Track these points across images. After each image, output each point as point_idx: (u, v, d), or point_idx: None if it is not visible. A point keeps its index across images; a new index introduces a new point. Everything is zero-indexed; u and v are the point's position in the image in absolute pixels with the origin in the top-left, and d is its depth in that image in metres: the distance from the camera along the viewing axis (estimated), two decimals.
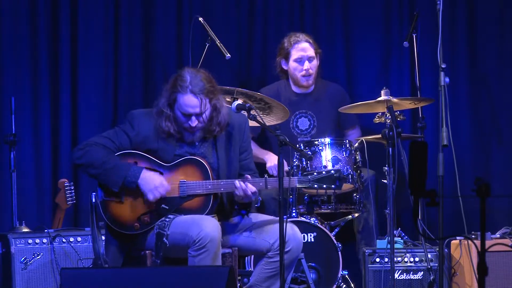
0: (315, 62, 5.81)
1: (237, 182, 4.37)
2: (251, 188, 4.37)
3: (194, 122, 4.38)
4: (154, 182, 4.34)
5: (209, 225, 4.24)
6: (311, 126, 5.84)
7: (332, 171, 4.56)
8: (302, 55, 5.77)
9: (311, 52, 5.78)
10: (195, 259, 4.22)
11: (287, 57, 5.81)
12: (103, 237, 4.55)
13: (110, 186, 4.34)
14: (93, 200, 4.37)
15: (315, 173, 4.57)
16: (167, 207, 4.38)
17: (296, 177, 4.63)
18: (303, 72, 5.78)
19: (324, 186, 4.55)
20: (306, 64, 5.76)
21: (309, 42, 5.79)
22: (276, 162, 5.47)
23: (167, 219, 4.32)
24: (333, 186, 4.56)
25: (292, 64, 5.80)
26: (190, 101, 4.38)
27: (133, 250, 4.43)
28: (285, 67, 5.86)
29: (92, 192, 4.39)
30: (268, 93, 5.57)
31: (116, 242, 4.40)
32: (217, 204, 4.47)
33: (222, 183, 4.39)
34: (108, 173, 4.32)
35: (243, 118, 4.62)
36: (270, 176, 5.39)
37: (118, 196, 4.37)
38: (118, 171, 4.32)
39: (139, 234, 4.38)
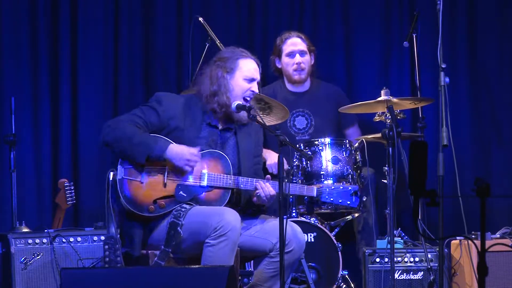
0: (308, 58, 5.82)
1: (260, 182, 4.39)
2: (271, 190, 4.39)
3: (256, 88, 4.51)
4: (184, 155, 4.35)
5: (230, 215, 4.27)
6: (309, 125, 5.84)
7: (349, 187, 4.60)
8: (292, 49, 5.80)
9: (302, 46, 5.80)
10: (213, 248, 4.20)
11: (280, 54, 5.84)
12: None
13: (136, 159, 4.34)
14: (110, 178, 4.36)
15: (332, 187, 4.62)
16: (185, 195, 4.40)
17: (314, 186, 4.65)
18: (294, 66, 5.80)
19: (340, 200, 4.60)
20: (297, 58, 5.78)
21: (300, 38, 5.82)
22: (275, 160, 5.47)
23: (183, 209, 4.33)
24: (348, 202, 4.61)
25: (284, 59, 5.83)
26: (254, 64, 4.53)
27: (144, 236, 4.43)
28: (279, 66, 5.88)
29: (111, 170, 4.38)
30: (266, 94, 5.57)
31: (139, 226, 4.39)
32: (234, 200, 4.50)
33: (243, 180, 4.42)
34: (134, 147, 4.33)
35: (258, 125, 4.66)
36: (270, 174, 5.42)
37: (138, 176, 4.37)
38: (145, 145, 4.34)
39: (151, 220, 4.38)
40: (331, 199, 4.64)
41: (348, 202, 4.65)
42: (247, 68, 4.50)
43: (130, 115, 4.45)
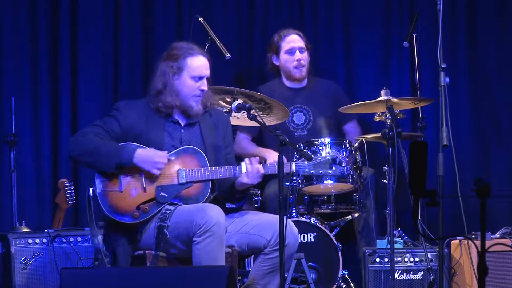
0: (306, 55, 5.83)
1: (247, 160, 4.41)
2: (260, 168, 4.40)
3: (205, 86, 4.48)
4: (151, 158, 4.37)
5: (213, 210, 4.27)
6: (307, 120, 5.85)
7: (328, 156, 4.60)
8: (292, 46, 5.81)
9: (301, 43, 5.81)
10: (200, 246, 4.21)
11: (278, 51, 5.85)
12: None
13: (105, 169, 4.38)
14: (91, 195, 4.38)
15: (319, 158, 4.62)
16: (166, 195, 4.41)
17: (293, 162, 4.66)
18: (295, 63, 5.80)
19: (320, 171, 4.59)
20: (297, 54, 5.79)
21: (299, 35, 5.84)
22: (275, 159, 5.47)
23: (168, 211, 4.34)
24: (329, 171, 4.60)
25: (283, 56, 5.83)
26: (202, 62, 4.49)
27: (133, 243, 4.43)
28: (276, 63, 5.89)
29: (90, 186, 4.40)
30: (263, 91, 5.57)
31: (123, 236, 4.40)
32: (214, 193, 4.50)
33: (220, 169, 4.42)
34: (102, 158, 4.36)
35: (226, 116, 4.73)
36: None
37: (117, 186, 4.39)
38: (112, 154, 4.36)
39: (139, 225, 4.39)
40: (312, 171, 4.63)
41: (329, 172, 4.65)
42: (195, 67, 4.47)
43: (92, 127, 4.47)
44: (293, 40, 5.82)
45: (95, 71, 6.03)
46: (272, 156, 5.66)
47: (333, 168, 4.63)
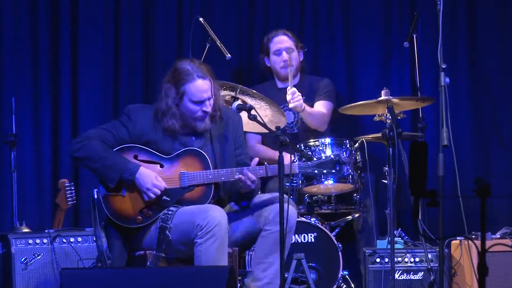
0: (296, 54, 5.84)
1: (237, 174, 4.39)
2: (250, 176, 4.38)
3: (208, 107, 4.44)
4: (147, 185, 4.35)
5: (215, 211, 4.28)
6: (296, 119, 5.84)
7: (332, 156, 4.61)
8: (279, 47, 5.83)
9: (288, 43, 5.82)
10: (201, 247, 4.21)
11: (268, 53, 5.88)
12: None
13: (106, 181, 4.38)
14: (95, 196, 4.39)
15: (315, 159, 4.61)
16: (168, 199, 4.40)
17: (296, 163, 4.66)
18: (282, 64, 5.82)
19: (325, 171, 4.59)
20: (284, 55, 5.80)
21: (287, 35, 5.85)
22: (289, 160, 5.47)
23: (170, 212, 4.34)
24: (333, 170, 4.60)
25: (272, 58, 5.87)
26: (201, 86, 4.42)
27: (134, 244, 4.43)
28: (268, 64, 5.91)
29: (94, 188, 4.40)
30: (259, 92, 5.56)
31: (119, 238, 4.41)
32: (218, 194, 4.50)
33: (222, 172, 4.42)
34: (106, 169, 4.36)
35: (237, 115, 4.67)
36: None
37: (120, 190, 4.39)
38: (115, 168, 4.35)
39: (141, 227, 4.39)
40: (315, 171, 4.63)
41: (333, 170, 4.64)
42: (194, 92, 4.41)
43: (101, 130, 4.46)
44: (280, 41, 5.84)
45: (95, 71, 6.03)
46: (285, 158, 5.64)
47: (337, 168, 4.64)
